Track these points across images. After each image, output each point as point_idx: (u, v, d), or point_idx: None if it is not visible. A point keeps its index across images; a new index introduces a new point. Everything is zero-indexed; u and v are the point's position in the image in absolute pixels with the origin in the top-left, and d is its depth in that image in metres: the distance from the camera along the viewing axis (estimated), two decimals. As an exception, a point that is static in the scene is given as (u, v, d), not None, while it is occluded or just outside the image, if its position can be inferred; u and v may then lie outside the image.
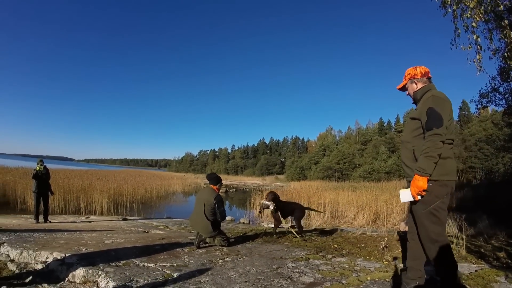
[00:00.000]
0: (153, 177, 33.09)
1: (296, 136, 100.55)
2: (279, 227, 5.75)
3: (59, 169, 21.91)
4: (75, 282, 2.93)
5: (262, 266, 3.45)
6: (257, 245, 4.87)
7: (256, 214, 12.46)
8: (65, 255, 3.49)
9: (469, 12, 5.19)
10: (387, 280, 3.02)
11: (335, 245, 4.94)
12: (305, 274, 3.15)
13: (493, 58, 6.45)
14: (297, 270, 3.30)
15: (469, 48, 5.45)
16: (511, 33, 5.48)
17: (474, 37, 5.36)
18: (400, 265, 3.49)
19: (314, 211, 10.05)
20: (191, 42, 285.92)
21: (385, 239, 4.86)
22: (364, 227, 7.63)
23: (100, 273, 2.91)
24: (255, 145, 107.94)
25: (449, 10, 5.48)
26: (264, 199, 5.77)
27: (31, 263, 3.49)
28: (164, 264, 3.35)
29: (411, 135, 2.48)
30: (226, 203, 19.65)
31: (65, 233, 5.35)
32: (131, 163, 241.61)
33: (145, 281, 2.76)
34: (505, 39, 5.73)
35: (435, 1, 5.65)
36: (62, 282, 2.94)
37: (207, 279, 2.90)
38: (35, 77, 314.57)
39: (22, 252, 3.67)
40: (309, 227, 9.06)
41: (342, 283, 2.90)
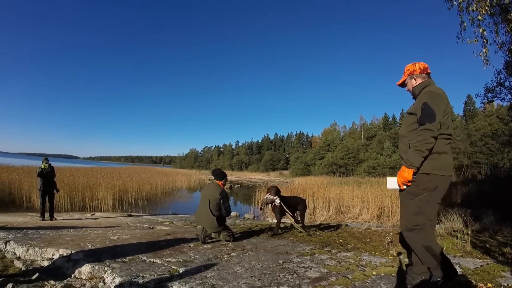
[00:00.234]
0: (158, 173, 33.26)
1: (300, 132, 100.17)
2: (281, 222, 5.70)
3: (64, 167, 21.99)
4: (81, 278, 2.94)
5: (267, 261, 3.46)
6: (262, 240, 4.89)
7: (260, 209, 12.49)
8: (71, 251, 3.50)
9: (475, 5, 5.13)
10: (392, 274, 3.02)
11: (340, 240, 4.95)
12: (310, 269, 3.15)
13: (499, 52, 6.40)
14: (302, 265, 3.31)
15: (475, 41, 5.39)
16: (517, 27, 5.42)
17: (480, 30, 5.30)
18: (405, 260, 3.48)
19: None
20: (195, 40, 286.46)
21: (390, 234, 4.86)
22: (369, 222, 7.63)
23: (106, 269, 2.92)
24: (260, 141, 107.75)
25: (454, 3, 5.41)
26: (267, 194, 5.66)
27: (37, 260, 3.51)
28: (170, 260, 3.36)
29: (407, 129, 2.51)
30: (230, 198, 19.73)
31: (71, 230, 5.39)
32: (135, 160, 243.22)
33: (151, 276, 2.76)
34: (511, 33, 5.65)
35: None
36: (69, 278, 2.95)
37: (213, 274, 2.90)
38: (39, 76, 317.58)
39: (28, 249, 3.69)
40: (314, 222, 9.07)
41: (348, 277, 2.90)
